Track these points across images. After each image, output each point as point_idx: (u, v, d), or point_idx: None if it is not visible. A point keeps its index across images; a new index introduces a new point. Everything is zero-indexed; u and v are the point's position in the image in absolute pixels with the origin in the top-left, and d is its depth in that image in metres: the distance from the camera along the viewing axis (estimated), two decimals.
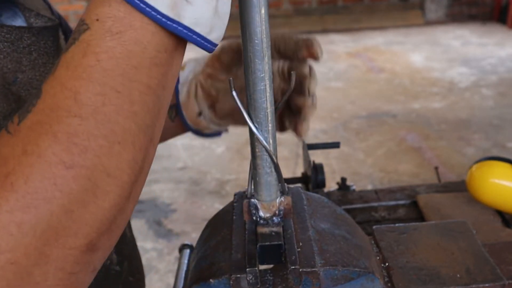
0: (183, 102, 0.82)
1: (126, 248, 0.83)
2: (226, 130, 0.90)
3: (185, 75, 0.82)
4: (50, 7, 0.77)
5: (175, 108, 0.83)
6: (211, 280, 0.59)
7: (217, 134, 0.90)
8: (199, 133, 0.87)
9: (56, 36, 0.66)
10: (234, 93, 0.51)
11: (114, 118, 0.41)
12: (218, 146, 3.68)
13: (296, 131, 0.75)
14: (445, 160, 3.34)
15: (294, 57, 0.73)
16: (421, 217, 0.96)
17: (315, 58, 0.72)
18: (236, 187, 3.16)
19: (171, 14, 0.42)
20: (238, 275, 0.57)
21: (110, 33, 0.41)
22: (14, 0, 0.66)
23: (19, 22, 0.66)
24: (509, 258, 0.70)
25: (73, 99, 0.40)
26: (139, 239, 1.14)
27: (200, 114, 0.82)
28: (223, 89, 0.79)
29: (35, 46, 0.63)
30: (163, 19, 0.42)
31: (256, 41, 0.50)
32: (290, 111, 0.76)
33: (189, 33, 0.44)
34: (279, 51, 0.73)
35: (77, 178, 0.40)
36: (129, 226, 0.88)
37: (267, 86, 0.53)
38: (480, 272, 0.65)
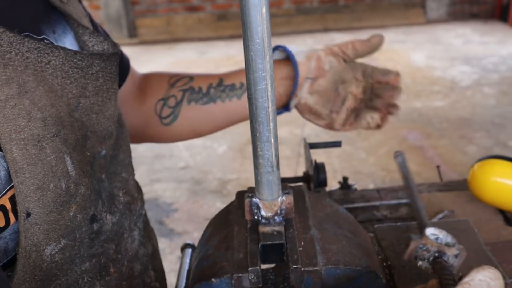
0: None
1: (158, 263, 0.84)
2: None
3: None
4: (89, 15, 0.77)
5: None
6: (213, 279, 0.59)
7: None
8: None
9: (118, 61, 0.68)
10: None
11: None
12: (219, 146, 3.68)
13: (379, 126, 0.93)
14: (446, 159, 3.34)
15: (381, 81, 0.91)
16: None
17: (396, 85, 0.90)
18: (237, 186, 3.16)
19: None
20: (240, 275, 0.57)
21: None
22: (63, 11, 0.66)
23: (69, 37, 0.66)
24: (511, 256, 0.70)
25: None
26: None
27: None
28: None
29: (102, 72, 0.64)
30: None
31: (258, 40, 0.50)
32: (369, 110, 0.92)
33: None
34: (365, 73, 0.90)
35: None
36: (156, 240, 0.88)
37: (269, 85, 0.53)
38: None
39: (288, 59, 0.90)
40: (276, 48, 0.90)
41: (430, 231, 0.62)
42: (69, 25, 0.67)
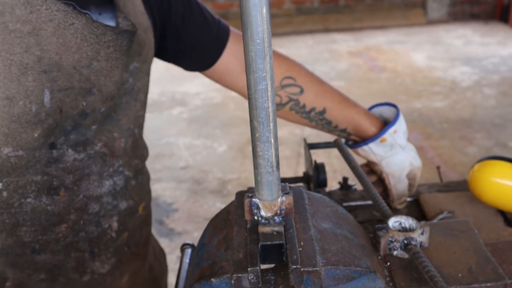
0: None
1: (131, 222, 0.92)
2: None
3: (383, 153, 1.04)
4: (151, 10, 0.91)
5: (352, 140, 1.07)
6: (212, 279, 0.59)
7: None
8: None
9: (131, 39, 0.81)
10: None
11: None
12: (219, 145, 3.68)
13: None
14: (447, 159, 3.34)
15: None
16: (423, 216, 0.96)
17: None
18: (238, 186, 3.16)
19: None
20: (240, 275, 0.57)
21: None
22: (113, 0, 0.81)
23: (111, 22, 0.81)
24: (511, 257, 0.70)
25: None
26: None
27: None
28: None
29: (113, 43, 0.78)
30: None
31: (258, 41, 0.50)
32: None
33: None
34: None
35: None
36: (146, 205, 0.96)
37: (269, 85, 0.53)
38: (482, 271, 0.65)
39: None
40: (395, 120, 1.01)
41: (392, 222, 0.68)
42: (115, 16, 0.81)
